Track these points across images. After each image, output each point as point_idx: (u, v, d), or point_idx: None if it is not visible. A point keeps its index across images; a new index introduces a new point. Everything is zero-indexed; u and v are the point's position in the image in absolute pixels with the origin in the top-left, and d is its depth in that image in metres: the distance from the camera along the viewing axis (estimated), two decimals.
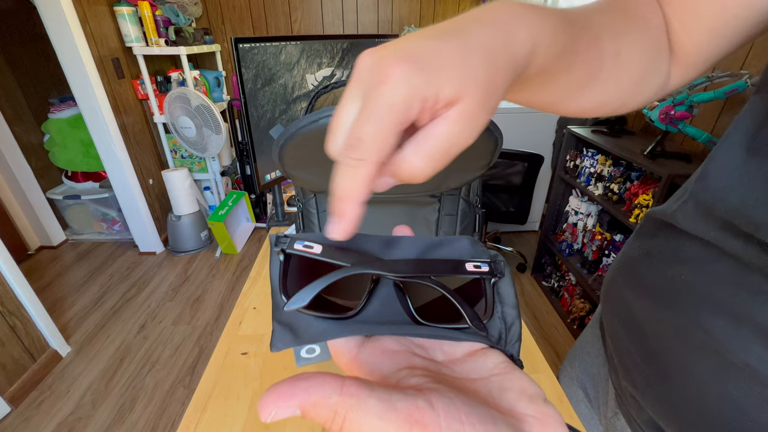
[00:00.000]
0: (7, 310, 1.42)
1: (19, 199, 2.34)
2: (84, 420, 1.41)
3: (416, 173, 0.18)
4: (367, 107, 0.17)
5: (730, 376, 0.27)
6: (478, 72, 0.17)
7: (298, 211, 0.55)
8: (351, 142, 0.17)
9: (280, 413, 0.13)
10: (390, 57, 0.17)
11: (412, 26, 2.60)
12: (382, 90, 0.16)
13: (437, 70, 0.17)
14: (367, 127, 0.16)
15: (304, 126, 0.38)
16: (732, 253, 0.28)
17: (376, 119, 0.16)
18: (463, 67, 0.17)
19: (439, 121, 0.17)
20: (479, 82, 0.17)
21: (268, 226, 1.41)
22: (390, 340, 0.18)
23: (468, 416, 0.12)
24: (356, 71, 0.19)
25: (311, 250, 0.19)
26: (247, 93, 0.80)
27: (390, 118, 0.16)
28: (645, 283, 0.36)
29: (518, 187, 1.94)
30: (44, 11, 1.73)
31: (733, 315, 0.27)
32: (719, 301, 0.28)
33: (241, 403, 0.54)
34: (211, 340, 1.76)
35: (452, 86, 0.17)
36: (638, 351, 0.36)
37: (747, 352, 0.26)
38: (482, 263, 0.19)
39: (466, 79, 0.17)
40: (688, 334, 0.30)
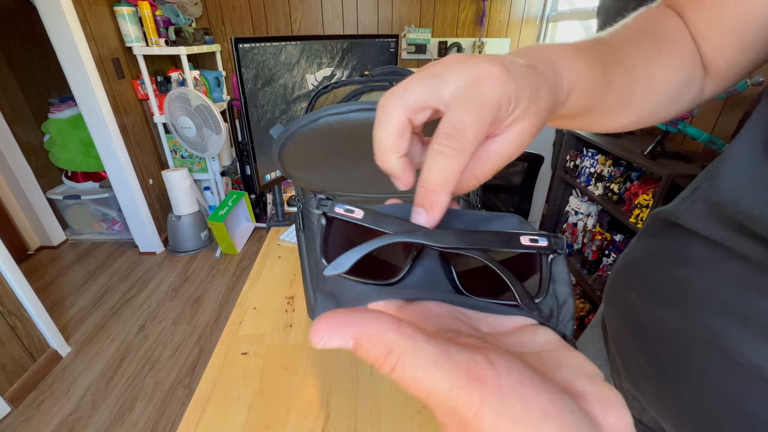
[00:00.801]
0: (7, 310, 1.42)
1: (19, 199, 2.34)
2: (84, 420, 1.41)
3: (475, 185, 0.20)
4: (466, 99, 0.18)
5: (736, 377, 0.27)
6: (541, 100, 0.20)
7: (298, 211, 0.55)
8: (449, 131, 0.18)
9: (333, 341, 0.12)
10: (487, 61, 0.19)
11: (412, 26, 2.60)
12: (482, 86, 0.18)
13: (523, 83, 0.19)
14: (467, 117, 0.17)
15: (305, 125, 0.38)
16: (741, 253, 0.28)
17: (476, 111, 0.17)
18: (535, 92, 0.20)
19: (499, 138, 0.20)
20: (540, 110, 0.20)
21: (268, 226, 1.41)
22: (434, 305, 0.17)
23: (531, 381, 0.11)
24: (443, 64, 0.20)
25: (352, 215, 0.18)
26: (247, 93, 0.80)
27: (488, 111, 0.18)
28: (650, 283, 0.36)
29: (518, 187, 1.94)
30: (44, 11, 1.73)
31: (740, 316, 0.27)
32: (726, 301, 0.28)
33: (241, 403, 0.54)
34: (211, 340, 1.76)
35: (525, 103, 0.19)
36: (642, 352, 0.36)
37: (754, 353, 0.26)
38: (540, 237, 0.18)
39: (533, 103, 0.19)
40: (694, 335, 0.30)
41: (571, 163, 1.79)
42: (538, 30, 2.70)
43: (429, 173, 0.18)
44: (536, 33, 2.71)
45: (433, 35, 2.65)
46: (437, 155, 0.18)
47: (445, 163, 0.17)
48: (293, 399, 0.55)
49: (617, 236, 1.51)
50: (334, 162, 0.43)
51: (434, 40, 2.65)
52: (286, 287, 0.78)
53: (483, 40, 2.66)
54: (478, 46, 2.67)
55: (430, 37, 2.62)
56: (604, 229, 1.60)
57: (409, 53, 2.66)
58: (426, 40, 2.61)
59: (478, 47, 2.67)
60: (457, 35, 2.67)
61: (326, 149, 0.41)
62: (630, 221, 1.34)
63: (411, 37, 2.60)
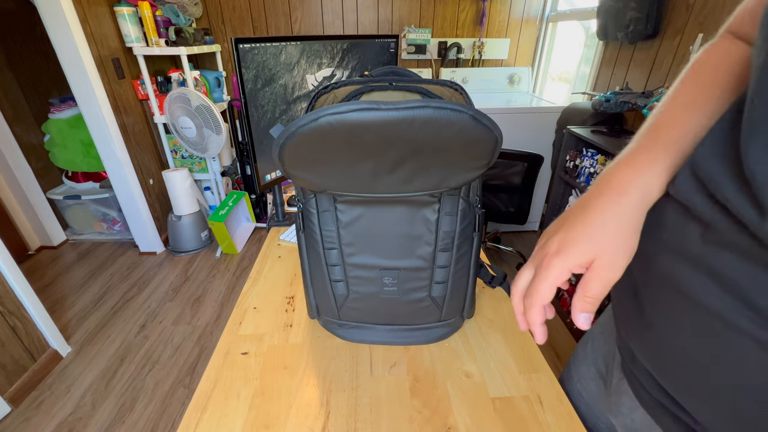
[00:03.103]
0: (7, 310, 1.42)
1: (19, 199, 2.34)
2: (84, 420, 1.41)
3: (587, 312, 0.32)
4: (536, 278, 0.34)
5: (692, 315, 0.31)
6: (603, 242, 0.32)
7: (299, 211, 0.55)
8: (530, 291, 0.35)
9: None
10: (549, 246, 0.34)
11: (412, 26, 2.60)
12: (543, 271, 0.34)
13: (575, 252, 0.32)
14: (536, 290, 0.34)
15: (305, 125, 0.38)
16: (702, 215, 0.31)
17: (540, 286, 0.34)
18: (590, 243, 0.32)
19: (588, 272, 0.32)
20: (606, 247, 0.32)
21: (268, 227, 1.41)
22: None
23: None
24: (536, 249, 0.37)
25: None
26: (247, 93, 0.80)
27: (548, 285, 0.33)
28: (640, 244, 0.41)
29: (518, 187, 1.94)
30: (44, 11, 1.73)
31: (694, 262, 0.30)
32: (688, 253, 0.31)
33: (241, 403, 0.54)
34: (211, 340, 1.76)
35: (585, 257, 0.32)
36: (631, 303, 0.39)
37: (703, 292, 0.30)
38: None
39: (594, 250, 0.32)
40: (664, 283, 0.33)
41: (570, 163, 1.80)
42: (538, 30, 2.70)
43: (526, 311, 0.35)
44: (536, 33, 2.71)
45: (433, 35, 2.65)
46: (526, 303, 0.35)
47: (530, 310, 0.35)
48: (293, 399, 0.55)
49: None
50: (335, 162, 0.43)
51: (434, 40, 2.65)
52: (287, 287, 0.78)
53: (483, 40, 2.66)
54: (477, 47, 2.67)
55: (430, 37, 2.62)
56: None
57: (409, 53, 2.66)
58: (426, 41, 2.61)
59: (477, 47, 2.67)
60: (457, 35, 2.67)
61: (326, 149, 0.41)
62: None
63: (411, 37, 2.60)
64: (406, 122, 0.37)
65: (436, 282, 0.57)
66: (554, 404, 0.54)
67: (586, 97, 2.05)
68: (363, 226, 0.53)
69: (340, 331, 0.65)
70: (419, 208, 0.51)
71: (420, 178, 0.45)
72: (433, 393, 0.56)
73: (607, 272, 0.31)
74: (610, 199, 0.32)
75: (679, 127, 0.33)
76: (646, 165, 0.33)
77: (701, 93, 0.34)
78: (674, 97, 0.36)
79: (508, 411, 0.53)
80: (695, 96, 0.34)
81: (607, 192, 0.33)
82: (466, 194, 0.52)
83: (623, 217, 0.32)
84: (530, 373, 0.59)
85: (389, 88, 0.50)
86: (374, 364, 0.61)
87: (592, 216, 0.32)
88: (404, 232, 0.53)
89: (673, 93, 0.36)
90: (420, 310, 0.59)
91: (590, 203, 0.33)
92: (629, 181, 0.32)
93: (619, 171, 0.34)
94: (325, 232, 0.55)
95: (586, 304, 0.32)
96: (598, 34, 1.94)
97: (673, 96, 0.36)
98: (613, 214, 0.32)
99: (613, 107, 1.61)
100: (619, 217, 0.32)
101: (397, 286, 0.57)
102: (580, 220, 0.33)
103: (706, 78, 0.35)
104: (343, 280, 0.58)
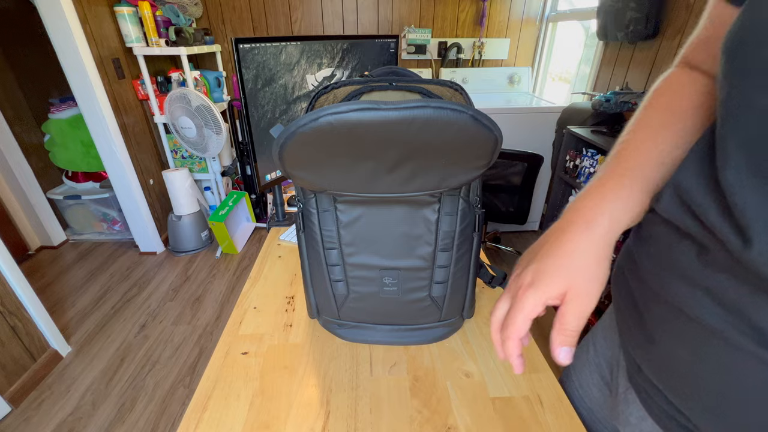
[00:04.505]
0: (7, 310, 1.42)
1: (19, 199, 2.34)
2: (84, 420, 1.41)
3: (567, 346, 0.32)
4: (512, 311, 0.34)
5: (692, 332, 0.31)
6: (575, 272, 0.32)
7: (299, 211, 0.55)
8: (506, 323, 0.34)
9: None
10: (523, 278, 0.34)
11: (412, 26, 2.60)
12: (517, 304, 0.33)
13: (547, 285, 0.32)
14: (512, 322, 0.34)
15: (305, 125, 0.38)
16: (690, 233, 0.31)
17: (515, 319, 0.33)
18: (562, 275, 0.32)
19: (563, 305, 0.32)
20: (578, 278, 0.32)
21: (268, 227, 1.41)
22: None
23: None
24: (512, 278, 0.37)
25: None
26: (247, 93, 0.80)
27: (522, 317, 0.33)
28: (633, 257, 0.40)
29: (518, 187, 1.94)
30: (44, 11, 1.73)
31: (691, 281, 0.31)
32: (684, 271, 0.31)
33: (241, 403, 0.54)
34: (211, 340, 1.76)
35: (557, 290, 0.32)
36: (631, 315, 0.39)
37: (702, 311, 0.30)
38: None
39: (566, 282, 0.32)
40: (661, 299, 0.34)
41: (570, 163, 1.79)
42: (538, 30, 2.70)
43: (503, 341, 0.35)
44: (536, 33, 2.71)
45: (433, 35, 2.65)
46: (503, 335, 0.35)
47: (506, 343, 0.34)
48: (293, 399, 0.55)
49: None
50: (334, 162, 0.43)
51: (434, 40, 2.65)
52: (287, 287, 0.78)
53: (483, 40, 2.66)
54: (477, 47, 2.67)
55: (430, 37, 2.62)
56: None
57: (409, 53, 2.66)
58: (426, 41, 2.61)
59: (477, 47, 2.67)
60: (457, 35, 2.67)
61: (326, 149, 0.41)
62: None
63: (411, 37, 2.60)
64: (406, 122, 0.37)
65: (436, 282, 0.57)
66: (554, 404, 0.54)
67: (586, 97, 2.05)
68: (363, 226, 0.53)
69: (340, 331, 0.65)
70: (419, 208, 0.51)
71: (420, 178, 0.45)
72: (433, 393, 0.56)
73: (581, 302, 0.32)
74: (580, 229, 0.33)
75: (643, 154, 0.34)
76: (612, 193, 0.34)
77: (662, 121, 0.35)
78: (637, 125, 0.37)
79: (508, 411, 0.53)
80: (657, 123, 0.36)
81: (577, 221, 0.33)
82: (466, 194, 0.52)
83: (593, 246, 0.32)
84: (530, 373, 0.59)
85: (389, 88, 0.50)
86: (374, 364, 0.61)
87: (563, 246, 0.33)
88: (404, 232, 0.53)
89: (636, 120, 0.37)
90: (420, 310, 0.59)
91: (561, 232, 0.34)
92: (597, 210, 0.33)
93: (587, 199, 0.35)
94: (325, 232, 0.55)
95: (565, 338, 0.32)
96: (598, 34, 1.94)
97: (636, 123, 0.37)
98: (583, 243, 0.33)
99: (613, 107, 1.61)
100: (589, 246, 0.32)
101: (397, 286, 0.57)
102: (552, 250, 0.34)
103: (666, 106, 0.36)
104: (343, 280, 0.58)
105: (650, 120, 0.36)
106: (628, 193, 0.34)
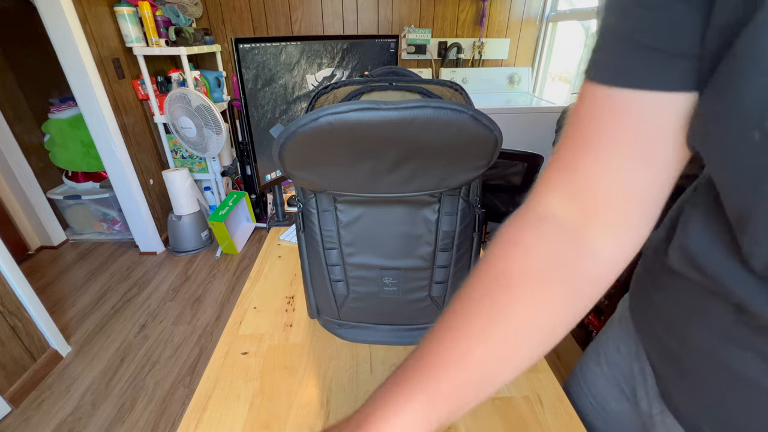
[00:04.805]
0: (7, 310, 1.42)
1: (19, 199, 2.34)
2: (84, 420, 1.41)
3: None
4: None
5: (746, 390, 0.30)
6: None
7: (299, 211, 0.55)
8: None
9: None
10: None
11: (412, 26, 2.60)
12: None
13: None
14: None
15: (305, 124, 0.38)
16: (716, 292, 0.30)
17: None
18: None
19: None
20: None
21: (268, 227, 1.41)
22: None
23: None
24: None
25: None
26: (247, 93, 0.80)
27: None
28: (657, 305, 0.39)
29: (518, 187, 1.94)
30: (44, 11, 1.73)
31: (737, 342, 0.29)
32: (728, 333, 0.30)
33: (241, 403, 0.54)
34: (211, 340, 1.76)
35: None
36: (671, 367, 0.38)
37: (755, 371, 0.28)
38: None
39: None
40: (707, 357, 0.32)
41: None
42: (538, 30, 2.70)
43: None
44: (536, 33, 2.71)
45: (433, 35, 2.65)
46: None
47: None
48: (293, 398, 0.55)
49: None
50: (334, 162, 0.43)
51: (434, 40, 2.65)
52: (287, 287, 0.78)
53: (483, 40, 2.66)
54: (477, 47, 2.67)
55: (430, 37, 2.62)
56: None
57: (409, 53, 2.66)
58: (426, 41, 2.61)
59: (477, 47, 2.67)
60: (457, 35, 2.67)
61: (326, 149, 0.41)
62: None
63: (411, 37, 2.60)
64: (406, 122, 0.37)
65: (436, 282, 0.57)
66: (554, 404, 0.54)
67: None
68: (363, 226, 0.53)
69: (340, 331, 0.65)
70: (419, 208, 0.51)
71: (420, 178, 0.45)
72: None
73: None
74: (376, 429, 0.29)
75: (444, 356, 0.29)
76: (402, 403, 0.29)
77: (481, 329, 0.30)
78: (444, 321, 0.31)
79: (508, 411, 0.53)
80: (462, 320, 0.30)
81: (366, 428, 0.29)
82: (466, 194, 0.52)
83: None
84: (530, 373, 0.59)
85: (389, 88, 0.50)
86: (374, 364, 0.61)
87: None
88: (404, 232, 0.53)
89: (445, 315, 0.32)
90: (420, 309, 0.59)
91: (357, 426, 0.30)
92: (385, 421, 0.29)
93: (381, 402, 0.30)
94: (325, 232, 0.55)
95: None
96: None
97: (444, 320, 0.31)
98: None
99: None
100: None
101: (397, 285, 0.57)
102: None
103: (489, 306, 0.30)
104: (343, 280, 0.58)
105: (464, 324, 0.29)
106: (420, 403, 0.28)
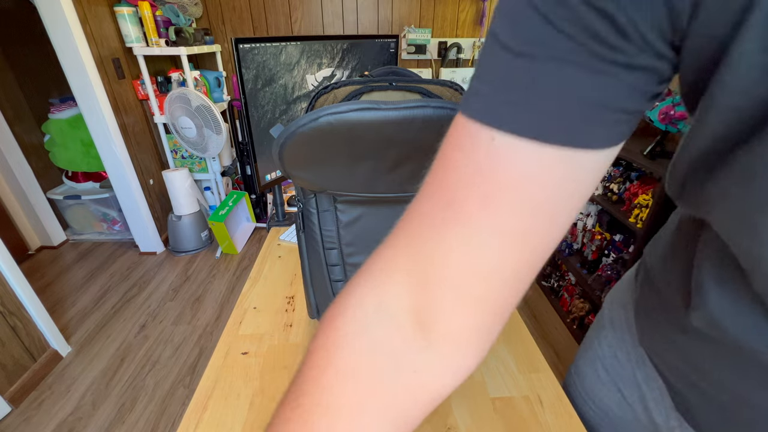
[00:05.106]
0: (7, 310, 1.42)
1: (19, 199, 2.34)
2: (84, 420, 1.41)
3: None
4: None
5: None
6: None
7: (299, 211, 0.55)
8: None
9: None
10: None
11: (412, 26, 2.60)
12: None
13: None
14: None
15: (305, 124, 0.38)
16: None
17: None
18: None
19: None
20: None
21: (268, 227, 1.41)
22: None
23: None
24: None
25: None
26: (247, 93, 0.80)
27: None
28: (671, 337, 0.38)
29: None
30: (44, 11, 1.73)
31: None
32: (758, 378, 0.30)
33: (241, 403, 0.54)
34: (211, 340, 1.76)
35: None
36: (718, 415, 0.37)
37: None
38: None
39: None
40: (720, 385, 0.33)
41: None
42: None
43: None
44: None
45: (433, 35, 2.65)
46: None
47: None
48: None
49: (617, 236, 1.51)
50: (334, 162, 0.43)
51: (434, 40, 2.65)
52: (287, 287, 0.78)
53: (483, 40, 2.65)
54: (477, 47, 2.67)
55: (430, 37, 2.62)
56: (603, 229, 1.60)
57: (409, 53, 2.66)
58: (426, 41, 2.61)
59: (477, 47, 2.67)
60: (456, 35, 2.67)
61: (326, 149, 0.41)
62: (629, 221, 1.35)
63: (411, 37, 2.60)
64: (406, 122, 0.37)
65: None
66: (554, 404, 0.54)
67: None
68: (363, 226, 0.53)
69: None
70: None
71: (420, 178, 0.45)
72: None
73: None
74: None
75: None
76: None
77: None
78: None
79: (508, 411, 0.53)
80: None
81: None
82: None
83: None
84: (530, 373, 0.59)
85: (389, 88, 0.50)
86: None
87: None
88: None
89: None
90: None
91: None
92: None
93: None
94: (325, 232, 0.55)
95: None
96: None
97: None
98: None
99: None
100: None
101: None
102: None
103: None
104: (343, 280, 0.58)
105: None
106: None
